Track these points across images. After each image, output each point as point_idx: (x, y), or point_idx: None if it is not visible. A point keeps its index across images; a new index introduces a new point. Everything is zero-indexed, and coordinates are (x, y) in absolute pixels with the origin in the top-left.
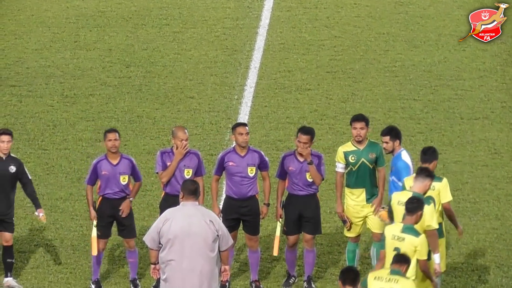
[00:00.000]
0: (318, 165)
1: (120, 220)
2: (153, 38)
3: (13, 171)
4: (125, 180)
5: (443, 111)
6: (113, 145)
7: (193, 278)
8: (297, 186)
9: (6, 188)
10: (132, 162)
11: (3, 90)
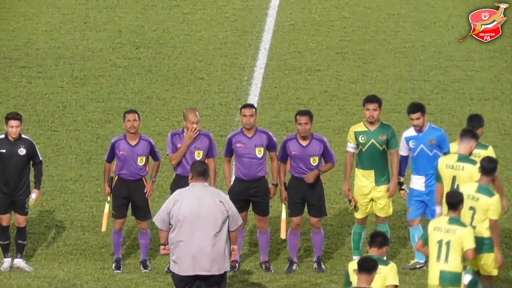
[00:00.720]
0: (325, 149)
1: (135, 201)
2: (163, 19)
3: (23, 153)
4: (142, 161)
5: (453, 92)
6: (132, 126)
7: (202, 259)
8: (300, 169)
9: (17, 170)
10: (151, 144)
11: (13, 71)
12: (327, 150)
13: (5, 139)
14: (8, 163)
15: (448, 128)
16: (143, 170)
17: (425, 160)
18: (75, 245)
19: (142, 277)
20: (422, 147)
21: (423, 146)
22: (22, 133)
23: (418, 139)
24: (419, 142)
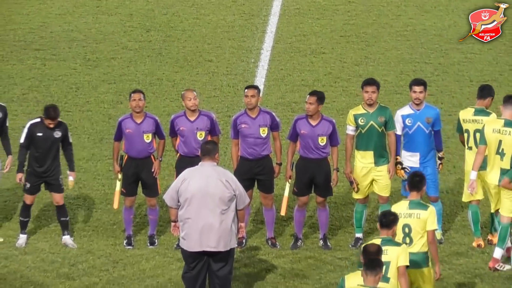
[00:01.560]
0: (333, 130)
1: (144, 179)
2: (172, 3)
3: (58, 136)
4: (148, 138)
5: (453, 74)
6: (137, 105)
7: (209, 235)
8: (309, 149)
9: (51, 151)
10: (157, 121)
11: (28, 53)
12: (335, 132)
13: (41, 123)
14: (43, 146)
15: (448, 109)
16: (150, 147)
17: (421, 137)
18: (88, 222)
19: (152, 252)
20: (419, 125)
21: (420, 123)
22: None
23: (415, 117)
24: (416, 120)
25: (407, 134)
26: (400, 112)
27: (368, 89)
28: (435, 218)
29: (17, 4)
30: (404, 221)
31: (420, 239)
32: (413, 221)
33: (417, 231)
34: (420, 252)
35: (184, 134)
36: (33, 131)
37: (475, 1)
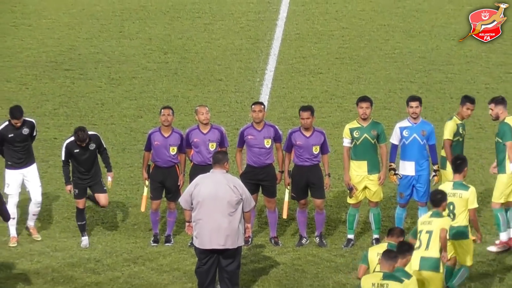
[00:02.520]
0: (324, 140)
1: (168, 186)
2: (187, 29)
3: (92, 148)
4: (174, 150)
5: (436, 91)
6: (165, 119)
7: (218, 235)
8: (303, 158)
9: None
10: (182, 136)
11: (58, 73)
12: (325, 141)
13: (75, 142)
14: (81, 158)
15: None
16: (175, 158)
17: (416, 147)
18: (112, 222)
19: (168, 250)
20: (415, 136)
21: (416, 135)
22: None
23: (412, 129)
24: (413, 132)
25: (404, 145)
26: (398, 125)
27: (363, 105)
28: (475, 198)
29: (49, 30)
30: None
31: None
32: (456, 200)
33: (459, 208)
34: (461, 226)
35: (197, 145)
36: (70, 149)
37: (457, 28)
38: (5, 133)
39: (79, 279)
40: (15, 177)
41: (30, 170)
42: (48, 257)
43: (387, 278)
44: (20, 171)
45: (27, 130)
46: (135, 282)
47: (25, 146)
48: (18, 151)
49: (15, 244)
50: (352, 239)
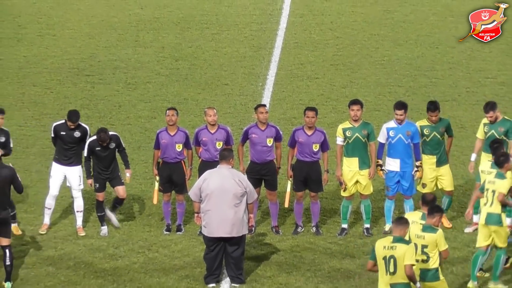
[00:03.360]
0: (324, 139)
1: (175, 180)
2: (196, 38)
3: (112, 146)
4: (179, 147)
5: (421, 94)
6: (170, 119)
7: (225, 224)
8: (304, 154)
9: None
10: (187, 134)
11: (80, 78)
12: (325, 140)
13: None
14: (102, 156)
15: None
16: (181, 155)
17: (401, 146)
18: (128, 213)
19: (179, 238)
20: (400, 136)
21: (401, 135)
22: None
23: (397, 130)
24: (398, 132)
25: (390, 144)
26: (386, 125)
27: (354, 107)
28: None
29: (71, 39)
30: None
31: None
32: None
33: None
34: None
35: (206, 143)
36: (93, 147)
37: (440, 37)
38: (58, 129)
39: (98, 265)
40: (57, 172)
41: (73, 170)
42: (70, 245)
43: (396, 241)
44: (64, 168)
45: (79, 134)
46: (149, 267)
47: (73, 148)
48: (67, 150)
49: (44, 231)
50: (346, 228)
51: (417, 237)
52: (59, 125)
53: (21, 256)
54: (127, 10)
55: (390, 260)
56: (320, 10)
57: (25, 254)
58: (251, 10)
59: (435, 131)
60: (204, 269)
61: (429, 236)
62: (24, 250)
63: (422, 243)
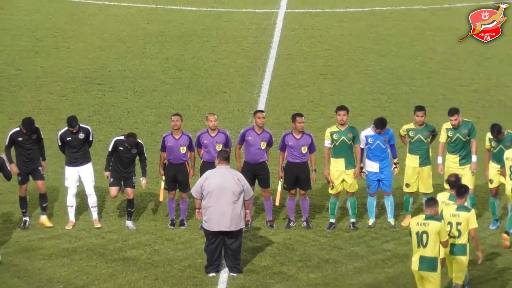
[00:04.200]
0: (312, 141)
1: (179, 179)
2: (197, 50)
3: (134, 152)
4: (183, 150)
5: (402, 101)
6: (175, 124)
7: (224, 219)
8: (294, 156)
9: (130, 161)
10: (190, 138)
11: (92, 87)
12: (313, 142)
13: (123, 141)
14: (124, 157)
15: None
16: (185, 156)
17: (379, 151)
18: (136, 209)
19: (183, 231)
20: (378, 143)
21: (379, 142)
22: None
23: (375, 137)
24: (376, 139)
25: (370, 149)
26: (364, 133)
27: (341, 113)
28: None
29: (84, 51)
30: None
31: None
32: None
33: None
34: None
35: (207, 146)
36: (117, 145)
37: (419, 49)
38: (64, 137)
39: (109, 256)
40: (72, 173)
41: (85, 168)
42: (83, 238)
43: (428, 219)
44: (76, 168)
45: (83, 135)
46: (155, 258)
47: (81, 149)
48: (75, 152)
49: (70, 227)
50: (334, 222)
51: (452, 215)
52: (64, 132)
53: (38, 248)
54: (135, 25)
55: (422, 235)
56: (310, 24)
57: (42, 246)
58: (247, 25)
59: (419, 134)
60: (205, 259)
61: (463, 215)
62: (42, 242)
63: (457, 221)
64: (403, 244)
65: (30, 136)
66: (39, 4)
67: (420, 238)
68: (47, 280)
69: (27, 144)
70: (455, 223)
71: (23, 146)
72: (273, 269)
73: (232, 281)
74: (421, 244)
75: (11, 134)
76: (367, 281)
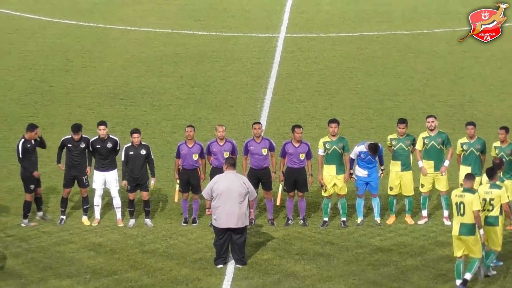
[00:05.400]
0: (309, 149)
1: (192, 183)
2: (208, 69)
3: (143, 153)
4: (196, 157)
5: (387, 115)
6: (189, 135)
7: (232, 218)
8: (293, 162)
9: (140, 164)
10: (202, 146)
11: (115, 101)
12: (309, 150)
13: (132, 146)
14: (134, 160)
15: (384, 137)
16: (197, 162)
17: (369, 162)
18: (154, 209)
19: (194, 228)
20: (369, 157)
21: (370, 157)
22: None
23: (367, 153)
24: (368, 155)
25: (361, 160)
26: (358, 149)
27: (332, 125)
28: None
29: (109, 70)
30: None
31: None
32: None
33: None
34: None
35: (216, 153)
36: (127, 151)
37: (402, 69)
38: (94, 144)
39: (130, 250)
40: (99, 177)
41: (111, 174)
42: (108, 234)
43: (465, 191)
44: (103, 173)
45: (111, 145)
46: (170, 251)
47: (108, 156)
48: (103, 158)
49: (96, 224)
50: (327, 221)
51: (486, 193)
52: (94, 140)
53: (69, 242)
54: (153, 47)
55: (460, 205)
56: (306, 47)
57: (72, 241)
58: (251, 47)
59: (400, 143)
60: (214, 253)
61: (495, 192)
62: (71, 238)
63: (490, 197)
64: (387, 239)
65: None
66: (69, 29)
67: (458, 207)
68: (76, 271)
69: (76, 151)
70: (488, 198)
71: (72, 152)
72: (274, 262)
73: (238, 272)
74: (459, 212)
75: (63, 139)
76: (356, 271)
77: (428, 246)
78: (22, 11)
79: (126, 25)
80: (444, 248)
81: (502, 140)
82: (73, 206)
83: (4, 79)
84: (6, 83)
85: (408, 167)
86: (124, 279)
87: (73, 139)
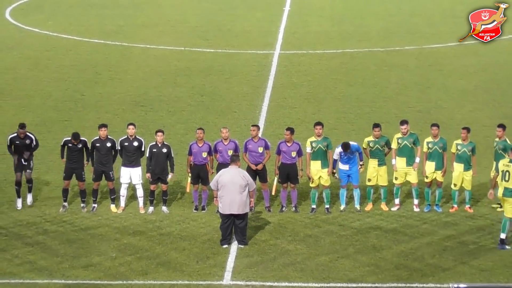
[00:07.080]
0: (299, 148)
1: (201, 176)
2: (214, 80)
3: (164, 151)
4: (205, 154)
5: (365, 119)
6: (199, 136)
7: (234, 206)
8: (286, 159)
9: (162, 161)
10: (210, 146)
11: (137, 108)
12: (300, 149)
13: (155, 144)
14: (157, 157)
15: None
16: (205, 159)
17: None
18: (169, 198)
19: (204, 214)
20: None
21: (349, 154)
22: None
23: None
24: (346, 154)
25: (342, 158)
26: (338, 150)
27: (317, 127)
28: None
29: (131, 81)
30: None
31: None
32: None
33: None
34: None
35: (221, 151)
36: (151, 148)
37: (378, 80)
38: (122, 142)
39: (149, 232)
40: (125, 172)
41: (135, 170)
42: (130, 219)
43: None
44: (129, 169)
45: (137, 143)
46: (183, 234)
47: (133, 154)
48: (130, 156)
49: (120, 211)
50: (314, 208)
51: (504, 165)
52: (123, 139)
53: (97, 226)
54: (168, 62)
55: (506, 173)
56: (297, 62)
57: (100, 225)
58: (251, 62)
59: (377, 144)
60: (220, 235)
61: None
62: (99, 223)
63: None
64: (365, 223)
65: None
66: (97, 47)
67: (504, 174)
68: (104, 251)
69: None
70: (506, 171)
71: (99, 151)
72: (270, 242)
73: (240, 251)
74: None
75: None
76: (339, 250)
77: (400, 228)
78: (58, 32)
79: (146, 44)
80: (412, 229)
81: (464, 139)
82: (101, 197)
83: (43, 89)
84: (45, 92)
85: (383, 162)
86: (144, 257)
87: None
